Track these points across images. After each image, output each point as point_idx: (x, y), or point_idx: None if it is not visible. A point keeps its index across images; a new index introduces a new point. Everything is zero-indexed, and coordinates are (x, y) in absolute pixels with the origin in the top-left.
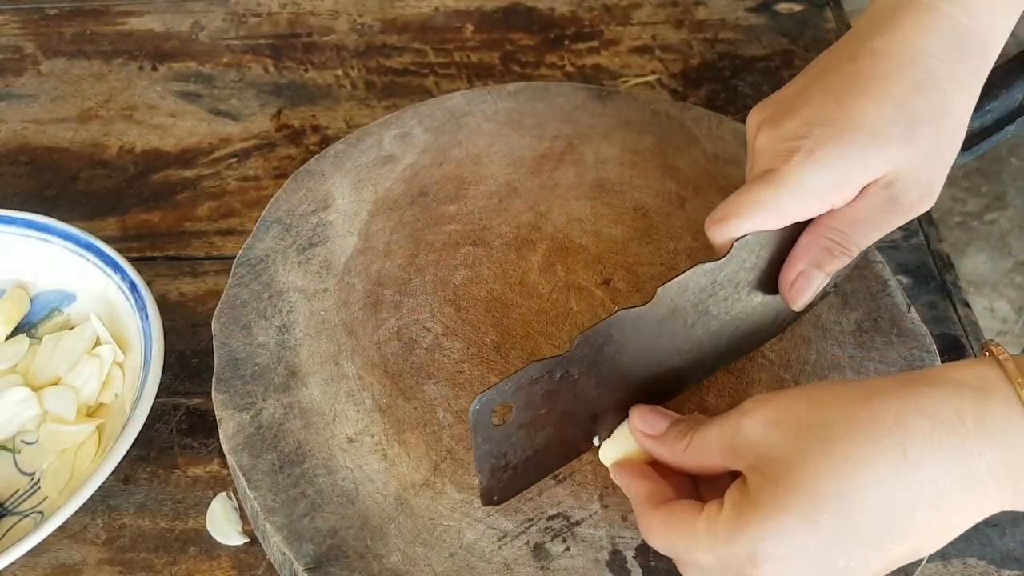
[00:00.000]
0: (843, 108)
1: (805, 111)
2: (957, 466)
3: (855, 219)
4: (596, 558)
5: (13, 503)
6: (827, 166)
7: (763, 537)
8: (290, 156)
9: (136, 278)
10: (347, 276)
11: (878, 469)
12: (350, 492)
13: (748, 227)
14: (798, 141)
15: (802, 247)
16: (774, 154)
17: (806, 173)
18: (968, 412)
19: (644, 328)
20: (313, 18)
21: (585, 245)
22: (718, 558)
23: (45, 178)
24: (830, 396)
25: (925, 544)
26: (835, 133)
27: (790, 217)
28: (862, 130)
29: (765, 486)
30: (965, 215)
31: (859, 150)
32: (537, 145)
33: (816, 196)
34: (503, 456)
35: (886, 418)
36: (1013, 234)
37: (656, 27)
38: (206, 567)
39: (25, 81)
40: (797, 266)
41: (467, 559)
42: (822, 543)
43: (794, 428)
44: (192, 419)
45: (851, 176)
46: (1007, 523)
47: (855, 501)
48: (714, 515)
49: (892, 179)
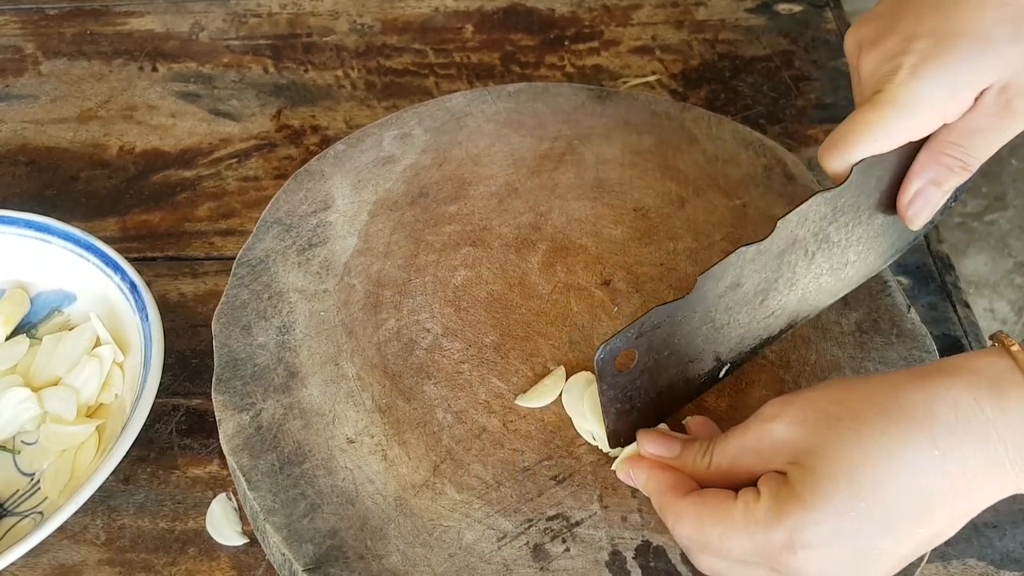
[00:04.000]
0: (944, 16)
1: (904, 25)
2: (980, 452)
3: (971, 131)
4: (596, 559)
5: (13, 503)
6: (934, 79)
7: (803, 524)
8: (290, 156)
9: (136, 278)
10: (347, 277)
11: (912, 458)
12: (350, 493)
13: (861, 153)
14: (901, 58)
15: (920, 165)
16: (880, 75)
17: (913, 90)
18: (986, 400)
19: (764, 263)
20: (313, 18)
21: (585, 245)
22: (755, 545)
23: (45, 178)
24: (854, 393)
25: (946, 529)
26: (938, 43)
27: (903, 137)
28: (967, 36)
29: (804, 477)
30: (965, 216)
31: (965, 57)
32: (537, 146)
33: (927, 112)
34: (628, 400)
35: (915, 409)
36: (1013, 235)
37: (656, 27)
38: (206, 568)
39: (25, 81)
40: (915, 184)
41: (467, 559)
42: (858, 530)
43: (824, 423)
44: (192, 419)
45: (960, 86)
46: (1007, 524)
47: (891, 489)
48: (751, 503)
49: (1005, 83)
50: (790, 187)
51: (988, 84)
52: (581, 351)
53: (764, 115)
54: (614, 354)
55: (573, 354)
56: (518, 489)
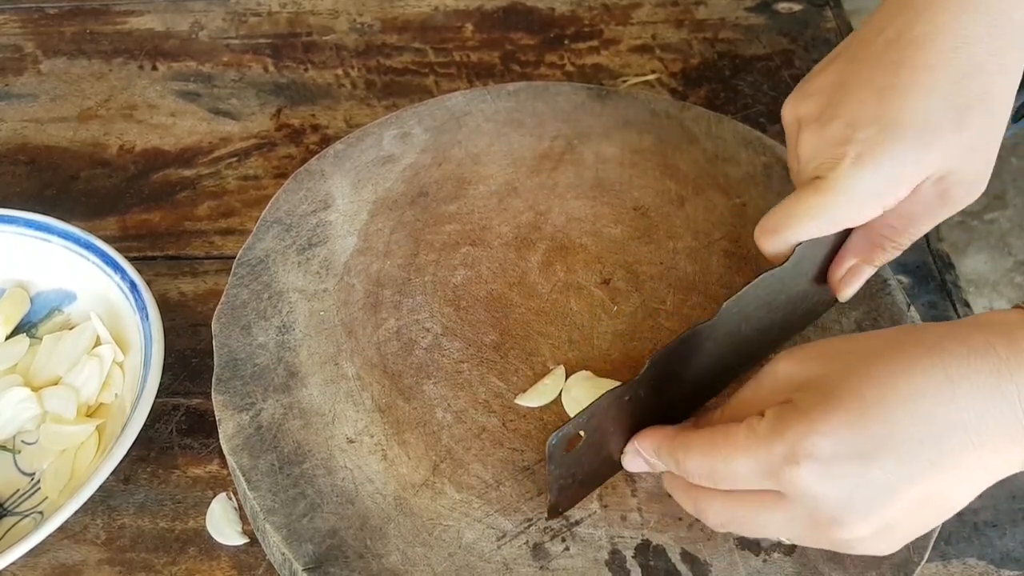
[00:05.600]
0: (887, 104)
1: (846, 111)
2: (992, 393)
3: (907, 216)
4: (595, 558)
5: (13, 503)
6: (878, 171)
7: (805, 435)
8: (290, 156)
9: (136, 278)
10: (347, 276)
11: (921, 384)
12: (349, 492)
13: (801, 236)
14: (844, 147)
15: (854, 244)
16: (821, 160)
17: (856, 179)
18: (999, 342)
19: (710, 339)
20: (313, 18)
21: (585, 245)
22: (757, 461)
23: (45, 178)
24: (866, 335)
25: (958, 484)
26: (881, 131)
27: (843, 224)
28: (910, 126)
29: (808, 396)
30: (965, 215)
31: (909, 147)
32: (537, 145)
33: (869, 202)
34: (571, 475)
35: (926, 342)
36: (1013, 234)
37: (656, 27)
38: (206, 567)
39: (25, 81)
40: (848, 262)
41: (466, 559)
42: (862, 448)
43: (833, 356)
44: (192, 419)
45: (903, 177)
46: (1007, 523)
47: (898, 411)
48: (755, 423)
49: (944, 173)
50: (790, 186)
51: (929, 174)
52: (581, 350)
53: (764, 114)
54: (567, 439)
55: (573, 353)
56: (518, 488)
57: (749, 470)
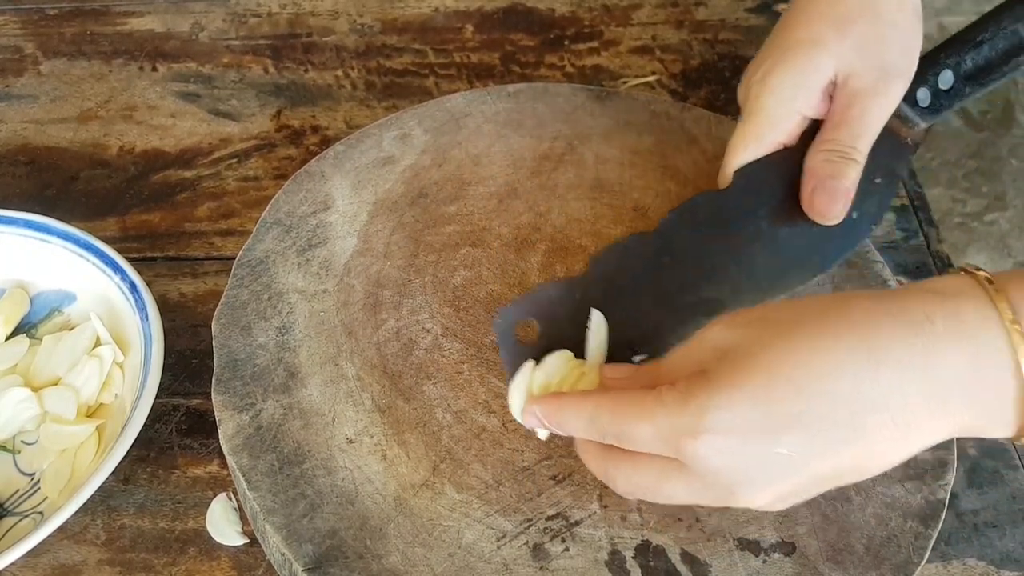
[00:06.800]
0: (781, 34)
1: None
2: (919, 373)
3: (835, 125)
4: (595, 558)
5: (13, 503)
6: (782, 83)
7: (708, 408)
8: (290, 156)
9: (136, 278)
10: (347, 277)
11: (840, 360)
12: (349, 493)
13: (738, 160)
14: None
15: (808, 168)
16: (742, 97)
17: (765, 97)
18: (938, 314)
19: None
20: (313, 18)
21: (584, 245)
22: (658, 429)
23: (45, 178)
24: (802, 302)
25: (873, 458)
26: (781, 54)
27: (769, 138)
28: (800, 44)
29: (721, 368)
30: (965, 216)
31: (802, 57)
32: (537, 146)
33: (783, 112)
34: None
35: (854, 316)
36: (1013, 235)
37: (656, 27)
38: (206, 567)
39: (25, 81)
40: (809, 184)
41: (466, 559)
42: (766, 424)
43: (759, 324)
44: (192, 419)
45: (806, 83)
46: (1007, 523)
47: (811, 388)
48: (665, 391)
49: (845, 75)
50: None
51: (830, 78)
52: None
53: None
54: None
55: None
56: (518, 489)
57: (649, 436)
